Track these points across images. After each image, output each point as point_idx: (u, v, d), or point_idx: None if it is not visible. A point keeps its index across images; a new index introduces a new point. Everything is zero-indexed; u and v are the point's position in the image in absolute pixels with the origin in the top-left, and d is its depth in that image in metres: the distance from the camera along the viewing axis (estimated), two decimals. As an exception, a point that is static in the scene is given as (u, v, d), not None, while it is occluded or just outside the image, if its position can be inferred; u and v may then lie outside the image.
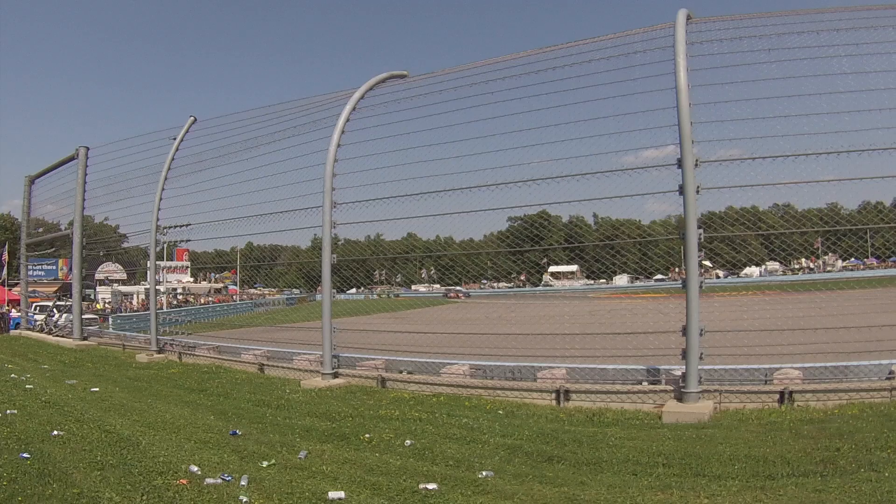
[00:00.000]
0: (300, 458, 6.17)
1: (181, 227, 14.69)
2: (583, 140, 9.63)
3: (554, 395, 8.96)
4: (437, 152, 10.53)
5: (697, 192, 8.34)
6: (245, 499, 4.89)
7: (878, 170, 8.56)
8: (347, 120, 11.16)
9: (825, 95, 8.71)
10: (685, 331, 8.26)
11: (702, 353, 8.25)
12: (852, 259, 10.65)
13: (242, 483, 5.26)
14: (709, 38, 9.25)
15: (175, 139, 15.36)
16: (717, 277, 10.36)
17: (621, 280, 10.76)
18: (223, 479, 5.36)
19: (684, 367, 8.26)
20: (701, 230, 8.30)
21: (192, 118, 15.81)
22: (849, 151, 8.40)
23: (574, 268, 11.53)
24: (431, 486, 5.21)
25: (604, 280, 10.43)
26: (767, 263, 10.34)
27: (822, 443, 6.30)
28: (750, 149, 8.88)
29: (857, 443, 6.22)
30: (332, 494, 4.98)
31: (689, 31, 9.08)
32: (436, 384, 9.81)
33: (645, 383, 9.00)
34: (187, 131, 15.54)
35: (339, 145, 10.91)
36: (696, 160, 8.40)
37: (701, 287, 8.37)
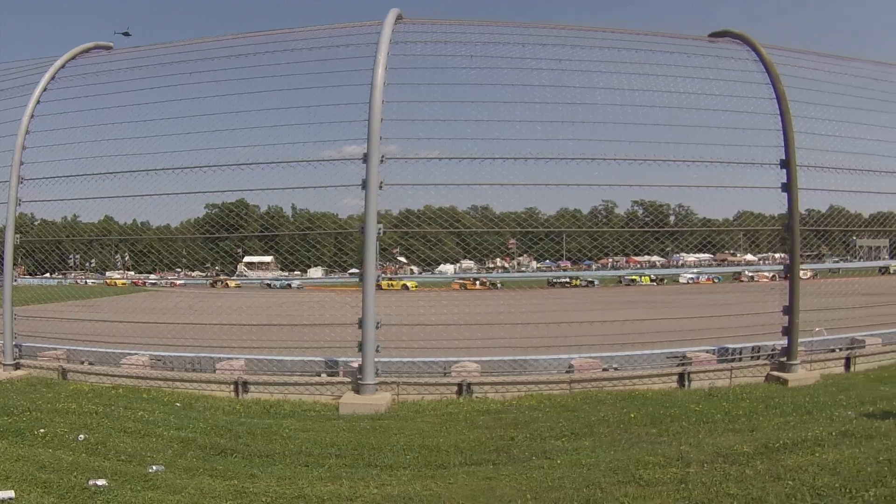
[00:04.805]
0: (-29, 458, 6.02)
1: None
2: (289, 128, 10.15)
3: (233, 387, 9.39)
4: (138, 130, 10.66)
5: (381, 187, 9.04)
6: None
7: (571, 178, 9.80)
8: (45, 90, 11.14)
9: (521, 104, 9.89)
10: (361, 323, 8.90)
11: (378, 346, 8.93)
12: (547, 261, 11.90)
13: None
14: (415, 39, 10.07)
15: None
16: (412, 273, 11.27)
17: (316, 272, 11.46)
18: None
19: (361, 359, 8.90)
20: (380, 225, 9.01)
21: None
22: (536, 158, 9.64)
23: (269, 259, 12.01)
24: (101, 482, 5.29)
25: (299, 272, 11.09)
26: (463, 262, 11.39)
27: (498, 432, 7.03)
28: (449, 149, 9.80)
29: (532, 432, 7.01)
30: (1, 494, 4.99)
31: (397, 31, 9.90)
32: (116, 375, 9.97)
33: (324, 375, 9.59)
34: None
35: (32, 115, 10.88)
36: (383, 157, 9.10)
37: (378, 281, 9.20)
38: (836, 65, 11.85)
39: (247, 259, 12.35)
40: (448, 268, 11.38)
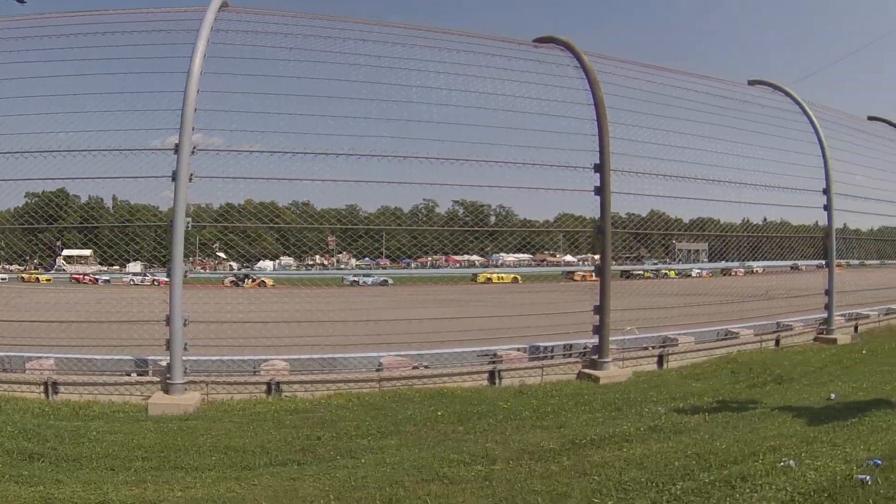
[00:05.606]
0: None
1: None
2: (117, 115, 9.74)
3: (42, 388, 9.07)
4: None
5: (191, 179, 8.96)
6: None
7: (391, 176, 9.98)
8: None
9: (339, 100, 9.92)
10: (169, 320, 8.78)
11: (186, 344, 8.84)
12: (366, 259, 12.20)
13: None
14: (238, 29, 9.99)
15: None
16: (232, 269, 11.30)
17: (135, 267, 11.36)
18: None
19: (169, 357, 8.79)
20: (189, 219, 8.89)
21: None
22: (348, 155, 9.74)
23: (88, 252, 11.78)
24: None
25: (117, 267, 10.94)
26: (282, 258, 11.53)
27: (304, 432, 7.06)
28: (270, 143, 9.75)
29: (338, 431, 7.07)
30: None
31: (221, 18, 9.76)
32: (-75, 379, 9.63)
33: (134, 375, 9.43)
34: None
35: None
36: (194, 148, 8.99)
37: (185, 276, 9.12)
38: (656, 75, 12.51)
39: (65, 252, 11.98)
40: (267, 264, 11.41)
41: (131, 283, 12.25)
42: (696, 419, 7.37)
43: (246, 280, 12.66)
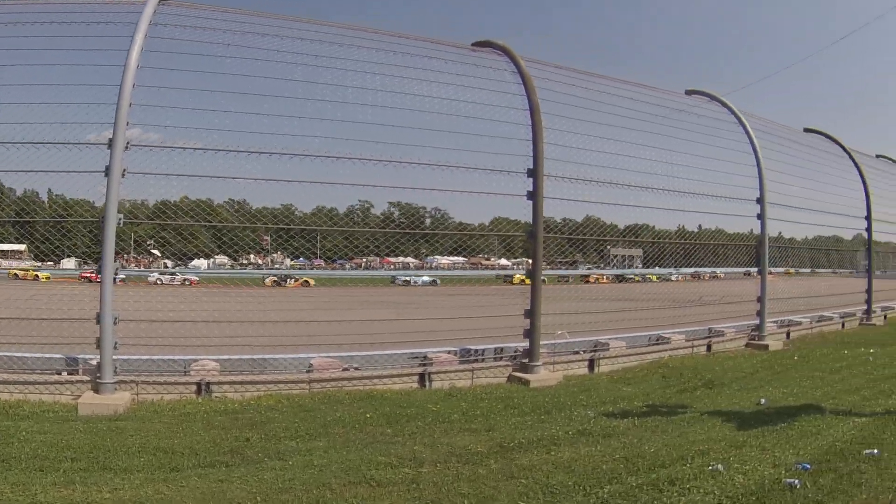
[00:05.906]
0: None
1: None
2: (56, 107, 9.49)
3: None
4: None
5: (123, 175, 8.90)
6: None
7: (326, 176, 10.08)
8: None
9: (275, 98, 10.03)
10: (99, 318, 8.70)
11: (117, 343, 8.77)
12: (301, 259, 12.34)
13: None
14: (176, 23, 9.88)
15: None
16: (166, 267, 11.31)
17: (69, 263, 11.31)
18: None
19: (99, 356, 8.71)
20: (121, 215, 8.84)
21: None
22: (281, 154, 9.77)
23: (22, 247, 11.68)
24: None
25: (51, 262, 10.87)
26: (216, 257, 11.58)
27: (233, 433, 7.03)
28: (206, 140, 9.72)
29: (267, 433, 7.06)
30: None
31: (160, 12, 9.73)
32: None
33: (65, 373, 9.30)
34: None
35: None
36: (128, 143, 8.94)
37: (116, 274, 9.09)
38: (592, 82, 12.76)
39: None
40: (202, 262, 11.41)
41: (158, 282, 12.14)
42: (626, 423, 7.54)
43: (288, 280, 12.74)
